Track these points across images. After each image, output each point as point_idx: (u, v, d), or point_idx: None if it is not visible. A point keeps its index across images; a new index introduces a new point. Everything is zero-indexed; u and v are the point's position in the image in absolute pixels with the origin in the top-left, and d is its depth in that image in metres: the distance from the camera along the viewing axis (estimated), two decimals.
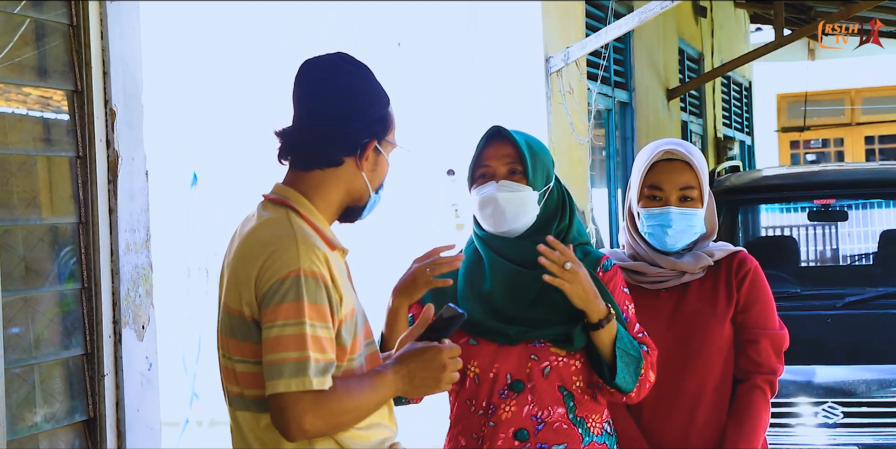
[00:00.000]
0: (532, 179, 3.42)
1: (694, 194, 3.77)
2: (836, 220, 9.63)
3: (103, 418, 4.19)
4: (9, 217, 3.85)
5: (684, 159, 3.76)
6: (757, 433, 3.73)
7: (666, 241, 3.77)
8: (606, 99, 10.04)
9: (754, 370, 3.77)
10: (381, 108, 2.99)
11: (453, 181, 7.91)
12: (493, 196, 3.42)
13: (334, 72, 2.96)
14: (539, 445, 3.37)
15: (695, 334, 3.76)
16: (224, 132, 8.35)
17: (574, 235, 3.51)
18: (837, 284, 7.82)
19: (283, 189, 2.97)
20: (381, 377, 2.89)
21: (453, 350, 2.96)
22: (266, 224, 2.89)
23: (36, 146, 4.06)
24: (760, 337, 3.78)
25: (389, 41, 8.00)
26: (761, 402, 3.76)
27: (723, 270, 3.82)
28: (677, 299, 3.80)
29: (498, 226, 3.44)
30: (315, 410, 2.73)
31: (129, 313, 4.32)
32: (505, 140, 3.46)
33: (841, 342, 6.60)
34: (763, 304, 3.81)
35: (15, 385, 3.84)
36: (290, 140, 2.96)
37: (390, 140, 3.02)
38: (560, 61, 8.00)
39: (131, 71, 4.38)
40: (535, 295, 3.41)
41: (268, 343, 2.76)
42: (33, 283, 3.98)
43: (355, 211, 3.04)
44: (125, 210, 4.31)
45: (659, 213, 3.76)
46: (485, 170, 3.48)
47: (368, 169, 2.98)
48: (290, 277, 2.76)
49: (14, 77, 3.98)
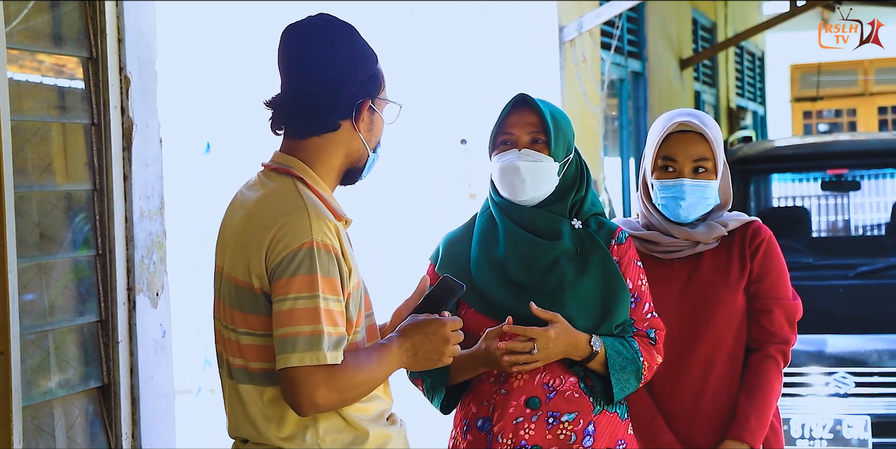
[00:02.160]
0: (554, 150, 3.42)
1: (708, 166, 3.76)
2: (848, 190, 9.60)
3: (117, 385, 4.21)
4: (24, 184, 3.85)
5: (698, 131, 3.75)
6: (769, 402, 3.73)
7: (679, 212, 3.77)
8: (620, 69, 10.02)
9: (767, 340, 3.77)
10: (370, 67, 2.93)
11: (466, 151, 7.91)
12: (515, 164, 3.42)
13: (318, 35, 2.90)
14: (550, 412, 3.38)
15: (707, 304, 3.76)
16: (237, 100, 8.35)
17: (588, 206, 3.52)
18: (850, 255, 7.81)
19: (284, 158, 2.93)
20: (386, 351, 2.88)
21: (455, 323, 2.95)
22: (274, 194, 2.85)
23: (50, 113, 4.06)
24: (773, 306, 3.78)
25: (402, 10, 7.99)
26: (773, 371, 3.76)
27: (737, 240, 3.82)
28: (691, 269, 3.80)
29: (517, 194, 3.45)
30: (327, 384, 2.72)
31: (144, 280, 4.33)
32: (530, 108, 3.46)
33: (853, 312, 6.61)
34: (777, 273, 3.81)
35: (29, 351, 3.86)
36: (281, 109, 2.92)
37: (383, 97, 2.97)
38: (573, 31, 7.98)
39: (146, 38, 4.38)
40: (549, 265, 3.41)
41: (280, 316, 2.73)
42: (48, 249, 3.99)
43: (355, 172, 2.99)
44: (139, 177, 4.31)
45: (672, 184, 3.75)
46: (507, 137, 3.47)
47: (365, 130, 2.94)
48: (302, 249, 2.73)
49: (29, 44, 3.97)
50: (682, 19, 12.52)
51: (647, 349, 3.47)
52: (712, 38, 14.21)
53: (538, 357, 3.32)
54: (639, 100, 10.80)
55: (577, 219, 3.49)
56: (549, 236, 3.42)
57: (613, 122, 10.14)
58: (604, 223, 3.53)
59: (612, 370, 3.38)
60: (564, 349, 3.35)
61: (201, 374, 8.80)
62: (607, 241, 3.49)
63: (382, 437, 2.92)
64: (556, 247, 3.41)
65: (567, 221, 3.47)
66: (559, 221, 3.46)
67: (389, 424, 2.97)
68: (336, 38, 2.90)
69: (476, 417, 3.46)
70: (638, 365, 3.42)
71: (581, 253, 3.44)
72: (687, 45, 12.67)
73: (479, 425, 3.44)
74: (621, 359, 3.39)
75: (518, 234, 3.44)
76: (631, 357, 3.41)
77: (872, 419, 6.03)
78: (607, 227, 3.53)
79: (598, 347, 3.37)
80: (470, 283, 3.40)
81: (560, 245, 3.42)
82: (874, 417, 6.03)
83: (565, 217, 3.47)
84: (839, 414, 6.06)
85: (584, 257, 3.44)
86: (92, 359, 4.16)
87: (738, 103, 15.77)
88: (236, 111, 8.40)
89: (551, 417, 3.38)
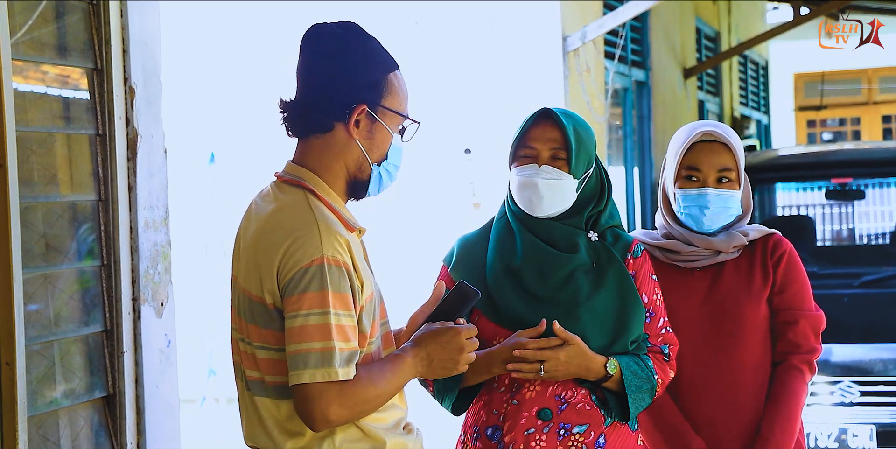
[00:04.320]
0: (574, 167, 3.41)
1: (732, 176, 3.75)
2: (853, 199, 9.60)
3: (122, 395, 4.21)
4: (29, 194, 3.86)
5: (723, 141, 3.75)
6: (794, 414, 3.70)
7: (703, 222, 3.76)
8: (623, 78, 10.02)
9: (793, 351, 3.75)
10: (375, 74, 2.90)
11: (470, 160, 7.92)
12: (534, 181, 3.41)
13: (327, 38, 2.89)
14: (562, 424, 3.38)
15: (729, 314, 3.74)
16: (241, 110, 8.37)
17: (605, 218, 3.51)
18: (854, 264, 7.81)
19: (295, 169, 2.92)
20: (400, 362, 2.88)
21: (470, 331, 2.95)
22: (286, 208, 2.85)
23: (56, 124, 4.07)
24: (799, 318, 3.76)
25: (407, 20, 8.00)
26: (799, 382, 3.73)
27: (758, 251, 3.81)
28: (712, 279, 3.79)
29: (534, 210, 3.44)
30: (340, 400, 2.72)
31: (149, 290, 4.33)
32: (553, 123, 3.43)
33: (858, 321, 6.60)
34: (800, 285, 3.80)
35: (35, 361, 3.86)
36: (286, 109, 2.92)
37: (388, 107, 2.92)
38: (577, 40, 7.99)
39: (151, 49, 4.39)
40: (565, 277, 3.41)
41: (292, 333, 2.73)
42: (53, 260, 4.00)
43: (361, 185, 2.96)
44: (144, 188, 4.32)
45: (697, 194, 3.74)
46: (528, 151, 3.45)
47: (362, 137, 2.90)
48: (313, 266, 2.73)
49: (34, 55, 3.99)
50: (686, 28, 12.53)
51: (660, 366, 3.47)
52: (716, 48, 14.21)
53: (544, 377, 3.33)
54: (642, 109, 10.81)
55: (593, 231, 3.49)
56: (566, 248, 3.42)
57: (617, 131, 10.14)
58: (620, 236, 3.53)
59: (628, 390, 3.38)
60: (576, 371, 3.35)
61: (206, 383, 8.80)
62: (623, 254, 3.48)
63: (399, 446, 2.93)
64: (572, 260, 3.41)
65: (583, 234, 3.47)
66: (575, 234, 3.46)
67: (406, 434, 2.97)
68: (342, 41, 2.89)
69: (486, 425, 3.45)
70: (652, 383, 3.42)
71: (597, 266, 3.44)
72: (690, 54, 12.68)
73: (489, 434, 3.44)
74: (637, 379, 3.39)
75: (535, 244, 3.44)
76: (646, 376, 3.41)
77: (877, 428, 6.02)
78: (623, 240, 3.52)
79: (613, 371, 3.37)
80: (485, 290, 3.40)
81: (576, 258, 3.42)
82: (879, 426, 6.02)
83: (582, 229, 3.47)
84: (844, 423, 6.06)
85: (599, 271, 3.44)
86: (97, 369, 4.17)
87: (741, 112, 15.77)
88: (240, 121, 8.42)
89: (563, 428, 3.38)
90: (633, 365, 3.40)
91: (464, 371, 3.00)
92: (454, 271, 3.51)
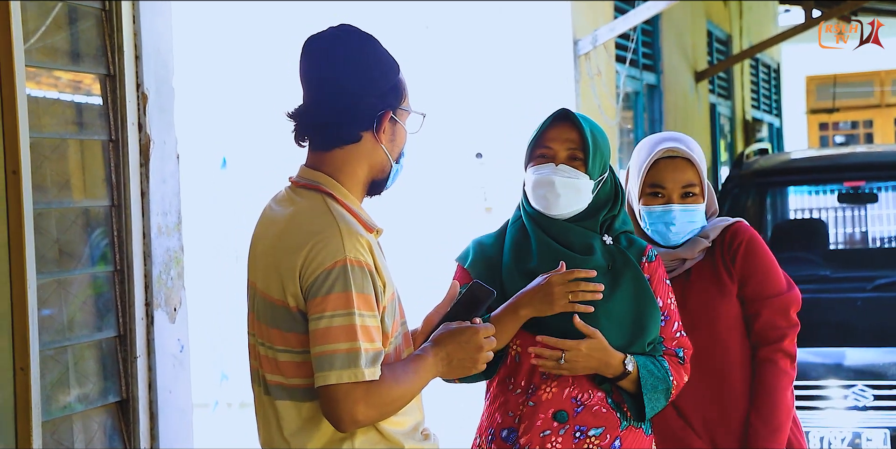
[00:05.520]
0: (590, 168, 3.42)
1: (696, 190, 3.75)
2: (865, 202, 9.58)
3: (136, 400, 4.22)
4: (42, 200, 3.87)
5: (685, 156, 3.75)
6: (776, 406, 3.69)
7: (669, 237, 3.77)
8: (635, 81, 10.02)
9: (762, 343, 3.75)
10: (392, 77, 2.92)
11: (481, 164, 7.92)
12: (551, 179, 3.42)
13: (339, 46, 2.88)
14: (577, 426, 3.38)
15: (706, 316, 3.75)
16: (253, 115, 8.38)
17: (619, 224, 3.52)
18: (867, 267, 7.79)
19: (311, 173, 2.92)
20: (422, 361, 2.88)
21: (488, 330, 2.95)
22: (304, 212, 2.85)
23: (69, 130, 4.09)
24: (761, 308, 3.75)
25: (417, 24, 8.01)
26: (775, 374, 3.72)
27: (717, 247, 3.80)
28: (683, 286, 3.79)
29: (549, 209, 3.45)
30: (367, 400, 2.73)
31: (161, 296, 4.34)
32: (571, 124, 3.45)
33: (871, 325, 6.59)
34: (762, 272, 3.78)
35: (49, 366, 3.88)
36: (304, 121, 2.90)
37: (405, 108, 2.95)
38: (588, 44, 7.99)
39: (163, 55, 4.40)
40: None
41: (317, 334, 2.74)
42: (66, 265, 4.01)
43: (379, 183, 2.98)
44: (157, 193, 4.33)
45: (662, 211, 3.75)
46: (545, 151, 3.46)
47: (387, 140, 2.92)
48: (336, 267, 2.73)
49: (47, 61, 4.00)
50: (697, 32, 12.52)
51: (675, 368, 3.47)
52: (727, 51, 14.21)
53: (565, 367, 3.33)
54: (654, 112, 10.80)
55: (607, 235, 3.49)
56: (581, 251, 3.43)
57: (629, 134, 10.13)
58: (634, 240, 3.53)
59: (644, 389, 3.38)
60: (596, 366, 3.35)
61: (219, 388, 8.82)
62: (638, 258, 3.49)
63: None
64: (588, 262, 3.41)
65: (598, 237, 3.48)
66: (591, 237, 3.47)
67: (424, 439, 2.98)
68: (357, 49, 2.89)
69: (501, 427, 3.46)
70: (668, 384, 3.43)
71: (613, 269, 3.45)
72: (702, 57, 12.67)
73: (504, 436, 3.44)
74: (653, 378, 3.40)
75: (550, 246, 3.45)
76: (662, 376, 3.42)
77: (892, 432, 6.00)
78: (637, 244, 3.53)
79: (632, 368, 3.37)
80: (501, 292, 3.41)
81: (592, 260, 3.42)
82: (893, 430, 6.00)
83: (596, 232, 3.48)
84: (858, 427, 6.04)
85: (615, 273, 3.44)
86: (110, 374, 4.18)
87: (753, 115, 15.76)
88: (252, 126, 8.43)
89: (578, 431, 3.38)
90: (650, 365, 3.41)
91: (482, 370, 3.00)
92: (471, 268, 3.52)
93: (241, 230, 8.32)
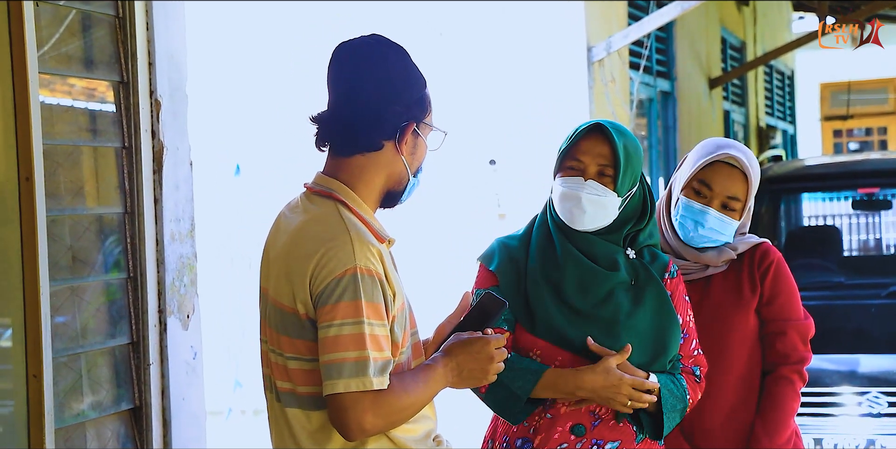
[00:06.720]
0: (619, 185, 3.39)
1: (736, 206, 3.76)
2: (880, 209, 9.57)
3: (149, 407, 4.22)
4: (56, 207, 3.88)
5: (743, 170, 3.75)
6: (783, 423, 3.72)
7: (692, 236, 3.77)
8: (648, 88, 10.01)
9: (782, 362, 3.78)
10: (418, 90, 2.93)
11: (495, 171, 7.92)
12: (577, 194, 3.39)
13: (370, 54, 2.89)
14: (594, 440, 3.37)
15: (719, 325, 3.77)
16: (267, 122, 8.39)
17: (644, 237, 3.50)
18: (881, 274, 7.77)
19: (326, 180, 2.92)
20: (432, 371, 2.88)
21: (500, 340, 2.94)
22: (317, 219, 2.85)
23: (82, 137, 4.09)
24: (787, 328, 3.78)
25: (431, 31, 8.01)
26: (789, 392, 3.76)
27: (745, 263, 3.83)
28: (701, 291, 3.80)
29: (574, 222, 3.42)
30: (375, 409, 2.72)
31: (175, 303, 4.34)
32: (604, 138, 3.40)
33: (885, 332, 6.57)
34: (787, 295, 3.81)
35: (62, 374, 3.88)
36: (327, 126, 2.91)
37: (428, 122, 2.96)
38: (602, 51, 7.99)
39: (176, 62, 4.41)
40: (605, 294, 3.40)
41: (326, 343, 2.74)
42: (80, 272, 4.01)
43: (395, 195, 2.98)
44: (170, 200, 4.33)
45: (699, 209, 3.75)
46: (575, 163, 3.43)
47: (408, 152, 2.93)
48: (346, 276, 2.74)
49: (61, 68, 4.01)
50: (711, 38, 12.51)
51: (692, 387, 3.47)
52: (741, 57, 14.19)
53: None
54: (668, 119, 10.79)
55: (630, 248, 3.48)
56: (606, 265, 3.41)
57: (643, 141, 10.12)
58: (657, 255, 3.52)
59: (665, 409, 3.37)
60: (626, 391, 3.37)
61: (232, 395, 8.82)
62: (661, 274, 3.48)
63: None
64: (613, 277, 3.40)
65: (622, 251, 3.46)
66: (615, 251, 3.44)
67: (436, 446, 2.98)
68: (387, 58, 2.90)
69: (516, 435, 3.44)
70: (685, 404, 3.42)
71: (636, 284, 3.43)
72: (716, 64, 12.66)
73: (519, 445, 3.43)
74: (672, 398, 3.39)
75: (576, 257, 3.42)
76: (680, 395, 3.41)
77: None
78: (661, 259, 3.52)
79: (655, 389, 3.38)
80: (523, 297, 3.40)
81: (617, 276, 3.40)
82: None
83: (620, 246, 3.46)
84: (872, 434, 6.02)
85: (638, 289, 3.43)
86: (123, 381, 4.18)
87: (767, 122, 15.73)
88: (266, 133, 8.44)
89: (595, 444, 3.37)
90: (670, 384, 3.40)
91: (493, 381, 2.99)
92: (498, 272, 3.49)
93: (255, 237, 8.33)
